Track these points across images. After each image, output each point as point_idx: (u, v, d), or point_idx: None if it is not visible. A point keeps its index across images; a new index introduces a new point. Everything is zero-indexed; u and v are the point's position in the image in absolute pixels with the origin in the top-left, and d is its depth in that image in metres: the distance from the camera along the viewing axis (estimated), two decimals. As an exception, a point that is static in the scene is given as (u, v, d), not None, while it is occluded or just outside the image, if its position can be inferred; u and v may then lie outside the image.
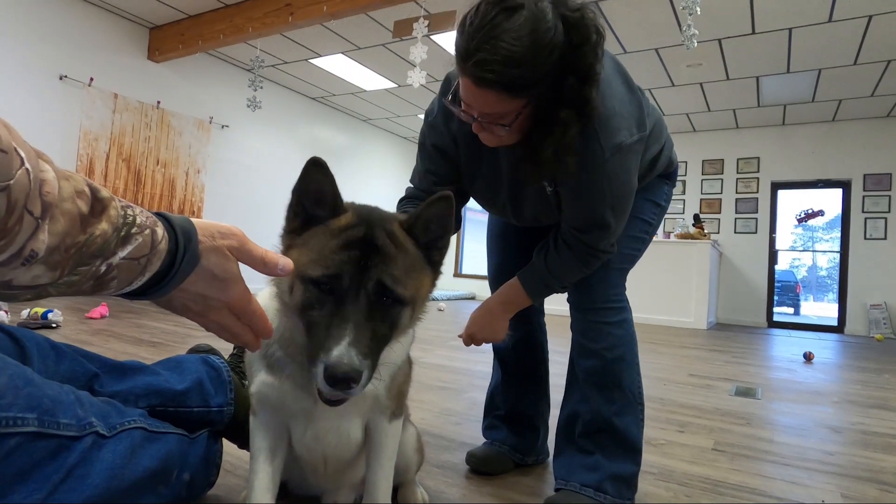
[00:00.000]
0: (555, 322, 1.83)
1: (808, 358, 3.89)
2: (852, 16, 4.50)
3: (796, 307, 14.49)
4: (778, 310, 8.13)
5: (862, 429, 2.00)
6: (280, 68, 6.64)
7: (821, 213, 8.12)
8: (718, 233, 7.74)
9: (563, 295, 1.23)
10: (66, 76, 5.02)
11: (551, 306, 1.66)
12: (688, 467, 1.47)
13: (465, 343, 1.26)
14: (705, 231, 6.65)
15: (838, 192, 7.34)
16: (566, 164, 0.97)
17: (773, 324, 7.46)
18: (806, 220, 8.23)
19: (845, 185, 7.24)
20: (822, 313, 14.24)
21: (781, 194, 7.66)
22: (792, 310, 14.02)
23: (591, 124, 0.96)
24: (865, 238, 6.98)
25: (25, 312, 2.98)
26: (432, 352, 3.20)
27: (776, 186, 7.61)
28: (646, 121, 1.05)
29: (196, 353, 1.14)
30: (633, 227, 1.19)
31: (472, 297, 9.59)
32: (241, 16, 4.96)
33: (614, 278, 1.19)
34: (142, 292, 0.55)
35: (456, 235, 1.45)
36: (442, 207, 0.72)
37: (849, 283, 7.04)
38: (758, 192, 7.62)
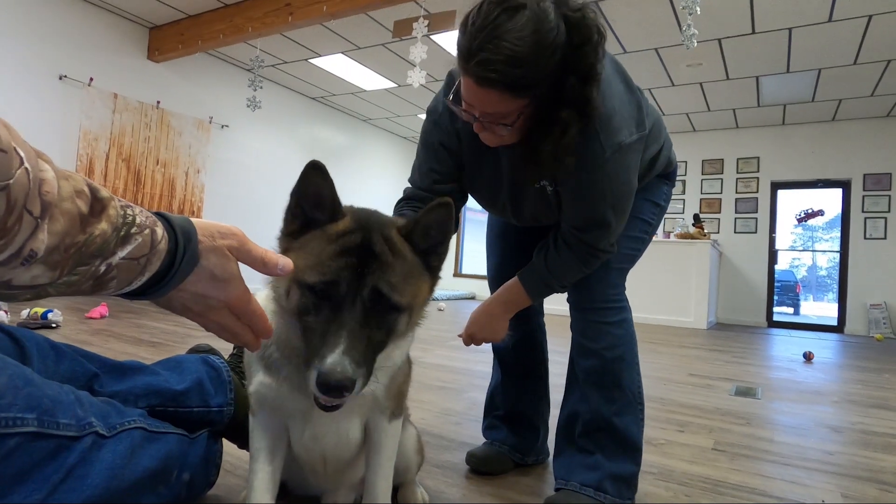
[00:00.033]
0: (555, 322, 1.83)
1: (808, 358, 3.89)
2: (852, 16, 4.50)
3: (796, 307, 14.50)
4: (778, 309, 8.13)
5: (862, 428, 2.00)
6: (280, 68, 6.64)
7: (820, 212, 8.12)
8: (718, 232, 7.74)
9: (563, 295, 1.23)
10: (65, 76, 5.02)
11: (551, 306, 1.66)
12: (688, 467, 1.47)
13: (464, 343, 1.26)
14: (705, 231, 6.65)
15: (838, 191, 7.34)
16: (565, 163, 0.96)
17: (772, 323, 7.46)
18: (806, 219, 8.24)
19: (845, 185, 7.24)
20: (821, 313, 14.26)
21: (781, 194, 7.67)
22: (792, 310, 14.03)
23: (592, 124, 0.96)
24: (865, 238, 6.98)
25: (25, 312, 2.98)
26: (432, 352, 3.20)
27: (776, 186, 7.62)
28: (645, 120, 1.05)
29: (196, 353, 1.14)
30: (632, 227, 1.19)
31: (472, 297, 9.59)
32: (241, 16, 4.96)
33: (614, 278, 1.19)
34: (141, 292, 0.55)
35: (456, 235, 1.44)
36: (441, 214, 0.72)
37: (849, 283, 7.05)
38: (757, 192, 7.62)
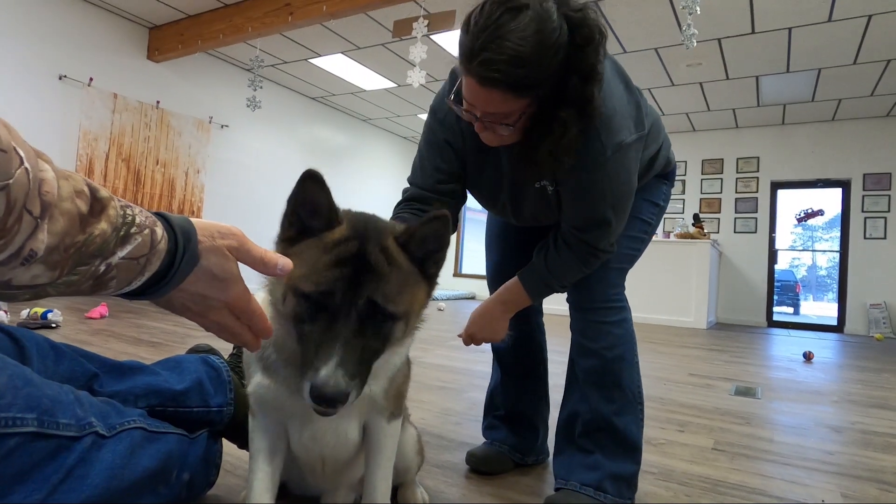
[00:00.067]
0: (554, 322, 1.83)
1: (808, 357, 3.89)
2: (852, 15, 4.50)
3: (796, 307, 14.50)
4: (778, 309, 8.13)
5: (862, 428, 2.01)
6: (280, 68, 6.64)
7: (820, 212, 8.13)
8: (718, 232, 7.74)
9: (563, 294, 1.23)
10: (65, 76, 5.02)
11: (551, 306, 1.66)
12: (688, 467, 1.47)
13: (464, 343, 1.26)
14: (705, 231, 6.65)
15: (838, 191, 7.34)
16: (564, 163, 0.96)
17: (772, 323, 7.46)
18: (805, 219, 8.24)
19: (845, 185, 7.24)
20: (821, 313, 14.25)
21: (781, 194, 7.67)
22: (792, 309, 14.03)
23: (593, 123, 0.96)
24: (865, 238, 6.98)
25: (25, 312, 2.98)
26: (432, 352, 3.20)
27: (776, 186, 7.61)
28: (644, 120, 1.05)
29: (196, 353, 1.14)
30: (632, 227, 1.19)
31: (472, 297, 9.59)
32: (241, 16, 4.96)
33: (614, 278, 1.19)
34: (141, 292, 0.55)
35: (456, 235, 1.43)
36: (438, 226, 0.72)
37: (848, 283, 7.05)
38: (757, 192, 7.62)
